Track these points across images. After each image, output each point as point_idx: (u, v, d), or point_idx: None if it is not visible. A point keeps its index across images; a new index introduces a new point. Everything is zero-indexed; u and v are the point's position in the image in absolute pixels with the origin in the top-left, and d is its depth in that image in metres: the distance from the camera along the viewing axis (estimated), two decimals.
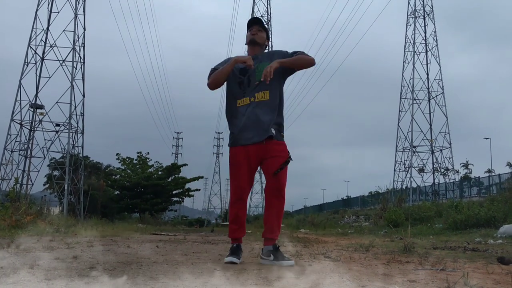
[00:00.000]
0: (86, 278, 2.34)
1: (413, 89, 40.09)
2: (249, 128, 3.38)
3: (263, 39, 3.59)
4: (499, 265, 3.41)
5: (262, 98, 3.40)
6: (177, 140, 77.06)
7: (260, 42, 3.57)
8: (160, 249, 4.78)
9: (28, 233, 6.77)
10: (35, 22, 28.40)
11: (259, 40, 3.56)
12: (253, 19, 3.63)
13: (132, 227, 13.98)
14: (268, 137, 3.34)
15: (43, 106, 28.18)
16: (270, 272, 2.76)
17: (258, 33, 3.57)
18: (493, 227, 9.33)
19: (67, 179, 27.05)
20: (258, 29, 3.58)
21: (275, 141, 3.39)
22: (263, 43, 3.60)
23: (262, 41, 3.58)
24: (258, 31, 3.57)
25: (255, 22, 3.61)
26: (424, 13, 42.00)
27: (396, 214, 13.47)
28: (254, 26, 3.58)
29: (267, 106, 3.39)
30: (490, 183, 29.74)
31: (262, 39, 3.58)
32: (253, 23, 3.59)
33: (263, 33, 3.58)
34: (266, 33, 3.62)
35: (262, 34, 3.57)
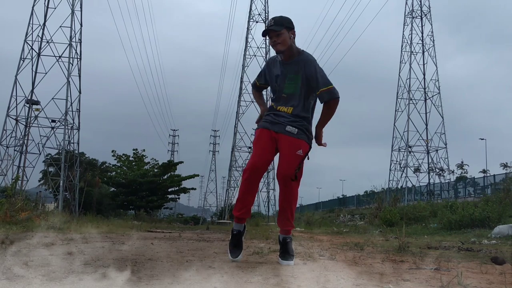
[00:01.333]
0: (80, 274, 2.33)
1: (410, 89, 40.17)
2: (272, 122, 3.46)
3: (285, 40, 3.35)
4: (493, 265, 3.43)
5: (285, 111, 3.44)
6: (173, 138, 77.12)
7: (284, 48, 3.37)
8: (155, 246, 4.77)
9: (23, 229, 6.75)
10: (32, 17, 28.26)
11: (282, 46, 3.36)
12: (264, 31, 3.42)
13: (127, 224, 13.95)
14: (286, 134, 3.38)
15: (39, 102, 28.06)
16: (265, 270, 2.76)
17: (279, 39, 3.35)
18: (488, 227, 9.37)
19: (62, 176, 26.97)
20: (276, 34, 3.34)
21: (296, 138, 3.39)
22: (287, 45, 3.36)
23: (285, 45, 3.36)
24: (277, 37, 3.35)
25: (267, 32, 3.39)
26: (421, 14, 42.06)
27: (391, 214, 13.52)
28: (271, 34, 3.37)
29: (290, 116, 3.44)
30: (485, 184, 29.84)
31: (284, 42, 3.35)
32: (267, 34, 3.40)
33: (282, 34, 3.35)
34: (286, 28, 3.36)
35: (282, 37, 3.34)
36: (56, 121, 28.01)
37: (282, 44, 3.35)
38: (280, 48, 3.37)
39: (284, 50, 3.37)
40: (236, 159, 43.13)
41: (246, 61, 42.84)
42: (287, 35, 3.36)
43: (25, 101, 27.62)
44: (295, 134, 3.36)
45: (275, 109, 3.48)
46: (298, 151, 3.32)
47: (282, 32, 3.34)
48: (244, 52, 43.20)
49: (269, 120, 3.46)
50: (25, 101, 27.63)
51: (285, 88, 3.43)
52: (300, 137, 3.38)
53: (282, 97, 3.45)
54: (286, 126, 3.37)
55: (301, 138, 3.39)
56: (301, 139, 3.38)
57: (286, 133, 3.36)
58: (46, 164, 33.36)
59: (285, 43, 3.35)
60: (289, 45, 3.37)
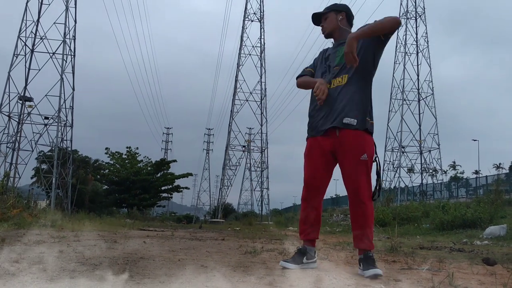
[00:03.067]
0: (72, 272, 2.32)
1: (403, 89, 40.32)
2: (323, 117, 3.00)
3: (332, 23, 3.15)
4: (484, 266, 3.45)
5: (339, 83, 2.98)
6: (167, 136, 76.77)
7: (330, 29, 3.16)
8: (148, 245, 4.76)
9: (14, 226, 6.71)
10: (26, 13, 28.07)
11: (329, 28, 3.16)
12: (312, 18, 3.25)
13: (119, 222, 13.91)
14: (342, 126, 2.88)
15: (32, 99, 27.89)
16: (256, 270, 2.76)
17: (325, 22, 3.18)
18: (479, 228, 9.43)
19: (55, 173, 26.82)
20: (324, 18, 3.18)
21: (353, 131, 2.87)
22: (335, 27, 3.14)
23: (332, 25, 3.15)
24: (325, 20, 3.18)
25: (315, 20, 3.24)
26: (416, 14, 42.23)
27: (384, 214, 13.55)
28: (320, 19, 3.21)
29: (344, 92, 2.94)
30: (477, 185, 30.02)
31: (331, 22, 3.15)
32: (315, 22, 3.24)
33: (330, 17, 3.16)
34: (334, 10, 3.17)
35: (329, 19, 3.16)
36: (49, 118, 27.85)
37: (327, 27, 3.17)
38: (325, 32, 3.20)
39: (329, 33, 3.19)
40: (230, 157, 43.04)
41: (241, 60, 42.73)
42: (333, 17, 3.15)
43: (18, 97, 27.44)
44: (355, 125, 2.87)
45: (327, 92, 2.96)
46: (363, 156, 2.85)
47: (328, 14, 3.18)
48: (239, 50, 43.11)
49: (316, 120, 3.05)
50: (18, 98, 27.45)
51: (336, 61, 3.07)
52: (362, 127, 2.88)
53: (334, 70, 3.05)
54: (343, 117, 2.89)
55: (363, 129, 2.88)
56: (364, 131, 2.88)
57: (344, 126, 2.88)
58: (39, 161, 33.18)
59: (330, 24, 3.16)
60: (335, 26, 3.14)
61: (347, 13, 3.17)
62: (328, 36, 3.21)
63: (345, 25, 3.15)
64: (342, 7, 3.21)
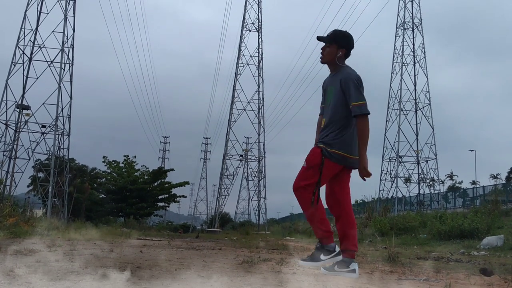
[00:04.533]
0: (67, 282, 2.31)
1: (401, 100, 40.46)
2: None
3: (331, 54, 3.42)
4: (481, 277, 3.44)
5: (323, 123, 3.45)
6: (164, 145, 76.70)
7: (328, 60, 3.45)
8: (144, 254, 4.74)
9: (10, 235, 6.68)
10: (24, 22, 28.19)
11: (325, 58, 3.46)
12: (318, 37, 3.50)
13: (116, 231, 13.83)
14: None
15: (30, 107, 27.90)
16: (254, 279, 2.75)
17: (325, 50, 3.45)
18: (477, 238, 9.42)
19: (51, 181, 26.74)
20: (327, 45, 3.44)
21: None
22: (332, 59, 3.42)
23: (330, 57, 3.43)
24: (326, 47, 3.44)
25: (319, 41, 3.50)
26: (412, 25, 42.47)
27: (381, 224, 13.53)
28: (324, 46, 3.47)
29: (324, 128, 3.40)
30: (474, 195, 30.03)
31: (330, 55, 3.42)
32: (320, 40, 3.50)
33: (331, 47, 3.42)
34: (337, 44, 3.41)
35: (329, 50, 3.42)
36: (46, 127, 27.85)
37: (324, 57, 3.46)
38: (321, 60, 3.49)
39: (325, 63, 3.48)
40: (227, 167, 43.04)
41: (239, 70, 42.94)
42: (333, 50, 3.41)
43: (16, 105, 27.45)
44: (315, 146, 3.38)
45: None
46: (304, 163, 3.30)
47: (329, 46, 3.42)
48: (237, 60, 43.32)
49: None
50: (16, 106, 27.46)
51: (326, 99, 3.48)
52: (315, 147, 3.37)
53: (324, 109, 3.52)
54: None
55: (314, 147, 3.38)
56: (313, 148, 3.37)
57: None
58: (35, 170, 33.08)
59: (328, 56, 3.43)
60: (331, 60, 3.43)
61: (347, 51, 3.43)
62: (324, 63, 3.50)
63: (342, 62, 3.42)
64: (345, 43, 3.44)
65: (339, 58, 3.40)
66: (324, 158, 3.25)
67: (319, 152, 3.28)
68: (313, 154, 3.31)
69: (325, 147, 3.28)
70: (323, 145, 3.30)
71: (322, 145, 3.30)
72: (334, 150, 3.27)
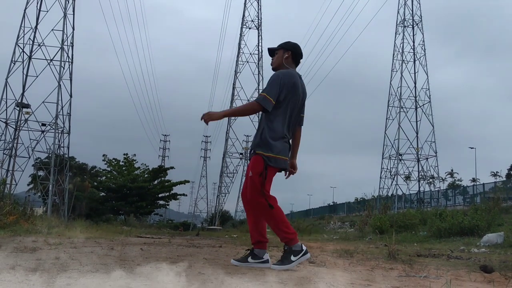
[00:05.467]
0: (67, 279, 2.31)
1: (401, 97, 40.46)
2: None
3: (279, 59, 3.65)
4: (481, 273, 3.44)
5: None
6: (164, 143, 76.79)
7: (275, 65, 3.66)
8: (145, 252, 4.74)
9: (10, 233, 6.68)
10: (24, 20, 28.15)
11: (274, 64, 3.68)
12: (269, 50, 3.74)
13: (116, 229, 13.85)
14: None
15: (29, 105, 27.89)
16: (255, 277, 2.75)
17: (274, 59, 3.69)
18: (477, 235, 9.42)
19: (51, 180, 26.76)
20: (275, 53, 3.69)
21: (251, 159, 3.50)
22: (275, 64, 3.67)
23: (278, 62, 3.64)
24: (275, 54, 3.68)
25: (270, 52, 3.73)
26: (412, 23, 42.45)
27: (381, 221, 13.53)
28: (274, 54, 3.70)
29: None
30: (474, 192, 30.05)
31: (278, 60, 3.65)
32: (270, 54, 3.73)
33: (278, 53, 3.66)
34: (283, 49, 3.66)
35: (277, 55, 3.66)
36: (46, 125, 27.85)
37: (274, 62, 3.68)
38: (272, 67, 3.69)
39: (273, 68, 3.68)
40: (227, 165, 43.08)
41: (238, 67, 42.97)
42: (280, 55, 3.64)
43: (15, 104, 27.45)
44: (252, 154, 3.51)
45: None
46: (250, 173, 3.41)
47: (278, 52, 3.67)
48: (236, 58, 43.36)
49: None
50: (15, 104, 27.46)
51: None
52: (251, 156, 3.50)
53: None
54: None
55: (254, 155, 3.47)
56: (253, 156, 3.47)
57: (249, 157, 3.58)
58: (36, 168, 33.11)
59: (276, 61, 3.66)
60: (280, 63, 3.63)
61: (293, 52, 3.64)
62: (274, 70, 3.67)
63: (289, 63, 3.63)
64: (291, 46, 3.67)
65: (286, 59, 3.61)
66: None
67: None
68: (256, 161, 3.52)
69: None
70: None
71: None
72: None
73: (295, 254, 3.31)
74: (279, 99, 3.44)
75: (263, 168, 3.36)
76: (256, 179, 3.34)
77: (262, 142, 3.43)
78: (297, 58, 3.67)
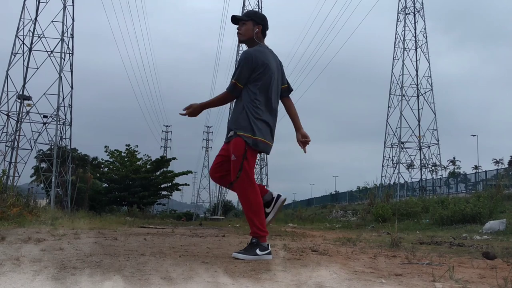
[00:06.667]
0: (72, 269, 2.32)
1: (402, 85, 40.31)
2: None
3: (248, 32, 3.47)
4: (484, 260, 3.45)
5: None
6: (166, 133, 76.87)
7: (245, 37, 3.50)
8: (148, 242, 4.76)
9: (14, 225, 6.71)
10: (23, 12, 28.04)
11: (243, 35, 3.50)
12: (231, 19, 3.55)
13: (119, 220, 13.92)
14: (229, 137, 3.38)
15: (31, 97, 27.88)
16: (258, 265, 2.77)
17: (242, 28, 3.49)
18: (479, 223, 9.44)
19: (54, 171, 26.82)
20: (242, 23, 3.49)
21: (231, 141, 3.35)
22: (246, 36, 3.49)
23: (248, 34, 3.48)
24: (242, 25, 3.49)
25: (234, 20, 3.54)
26: (414, 10, 42.18)
27: (383, 209, 13.57)
28: (239, 23, 3.52)
29: (233, 110, 3.47)
30: (476, 180, 30.05)
31: (247, 31, 3.47)
32: (235, 22, 3.55)
33: (247, 24, 3.47)
34: (253, 21, 3.48)
35: (246, 27, 3.48)
36: (48, 117, 27.87)
37: (243, 35, 3.49)
38: (239, 38, 3.53)
39: (243, 40, 3.52)
40: None
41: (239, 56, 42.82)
42: (250, 27, 3.47)
43: (17, 96, 27.44)
44: (231, 136, 3.36)
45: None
46: (232, 156, 3.29)
47: (247, 22, 3.47)
48: (237, 48, 43.19)
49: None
50: (17, 97, 27.45)
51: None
52: (232, 138, 3.34)
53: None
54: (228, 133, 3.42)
55: (234, 137, 3.33)
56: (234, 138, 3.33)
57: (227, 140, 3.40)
58: (38, 160, 33.22)
59: (246, 34, 3.48)
60: (250, 37, 3.47)
61: (263, 27, 3.50)
62: (241, 42, 3.57)
63: (259, 38, 3.49)
64: (261, 19, 3.52)
65: (257, 35, 3.47)
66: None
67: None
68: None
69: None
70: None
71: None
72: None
73: (261, 249, 3.21)
74: (254, 81, 3.35)
75: (244, 150, 3.27)
76: (239, 163, 3.24)
77: (242, 123, 3.32)
78: (265, 32, 3.54)
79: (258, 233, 3.25)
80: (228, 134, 3.40)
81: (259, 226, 3.26)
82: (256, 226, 3.26)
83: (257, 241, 3.23)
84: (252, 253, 3.17)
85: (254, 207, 3.27)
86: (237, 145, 3.28)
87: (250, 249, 3.20)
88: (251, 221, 3.27)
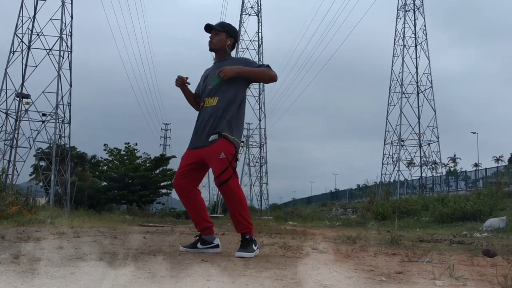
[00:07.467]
0: (72, 268, 2.32)
1: (402, 82, 40.24)
2: (197, 133, 3.47)
3: (221, 43, 3.51)
4: (484, 258, 3.45)
5: (210, 104, 3.42)
6: (165, 132, 76.71)
7: (217, 47, 3.54)
8: (148, 240, 4.75)
9: (13, 223, 6.70)
10: (22, 10, 27.95)
11: (215, 45, 3.53)
12: (205, 27, 3.56)
13: (119, 218, 13.90)
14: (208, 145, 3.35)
15: (29, 96, 27.79)
16: (257, 263, 2.76)
17: (215, 38, 3.52)
18: (479, 220, 9.44)
19: (53, 170, 26.80)
20: (215, 32, 3.52)
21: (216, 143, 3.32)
22: (218, 46, 3.53)
23: (220, 44, 3.52)
24: (215, 35, 3.52)
25: (208, 28, 3.55)
26: (414, 7, 42.09)
27: (383, 207, 13.57)
28: (212, 31, 3.54)
29: (213, 112, 3.38)
30: (476, 177, 30.07)
31: (220, 42, 3.51)
32: (208, 30, 3.56)
33: (220, 35, 3.51)
34: (226, 33, 3.53)
35: (219, 37, 3.51)
36: (46, 115, 27.81)
37: (214, 44, 3.53)
38: (211, 46, 3.56)
39: (214, 49, 3.56)
40: None
41: (238, 54, 42.69)
42: (223, 38, 3.52)
43: (15, 94, 27.37)
44: (217, 139, 3.33)
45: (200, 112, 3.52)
46: (221, 155, 3.27)
47: (220, 33, 3.52)
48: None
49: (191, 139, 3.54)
50: (15, 95, 27.38)
51: (212, 80, 3.48)
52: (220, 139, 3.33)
53: (208, 89, 3.50)
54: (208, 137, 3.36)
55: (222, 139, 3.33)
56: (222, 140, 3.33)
57: (209, 144, 3.35)
58: (37, 158, 33.17)
59: (218, 44, 3.53)
60: (222, 47, 3.53)
61: (235, 40, 3.60)
62: (212, 51, 3.61)
63: (229, 49, 3.59)
64: (234, 33, 3.60)
65: (229, 46, 3.56)
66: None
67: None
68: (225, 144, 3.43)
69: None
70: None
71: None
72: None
73: (255, 244, 3.32)
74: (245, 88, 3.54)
75: (235, 151, 3.32)
76: (228, 161, 3.25)
77: (231, 125, 3.36)
78: (235, 45, 3.65)
79: (249, 228, 3.34)
80: (210, 137, 3.35)
81: (248, 221, 3.35)
82: (246, 221, 3.33)
83: (250, 237, 3.32)
84: (251, 250, 3.24)
85: (243, 203, 3.36)
86: (226, 145, 3.31)
87: (249, 246, 3.25)
88: (241, 218, 3.32)
